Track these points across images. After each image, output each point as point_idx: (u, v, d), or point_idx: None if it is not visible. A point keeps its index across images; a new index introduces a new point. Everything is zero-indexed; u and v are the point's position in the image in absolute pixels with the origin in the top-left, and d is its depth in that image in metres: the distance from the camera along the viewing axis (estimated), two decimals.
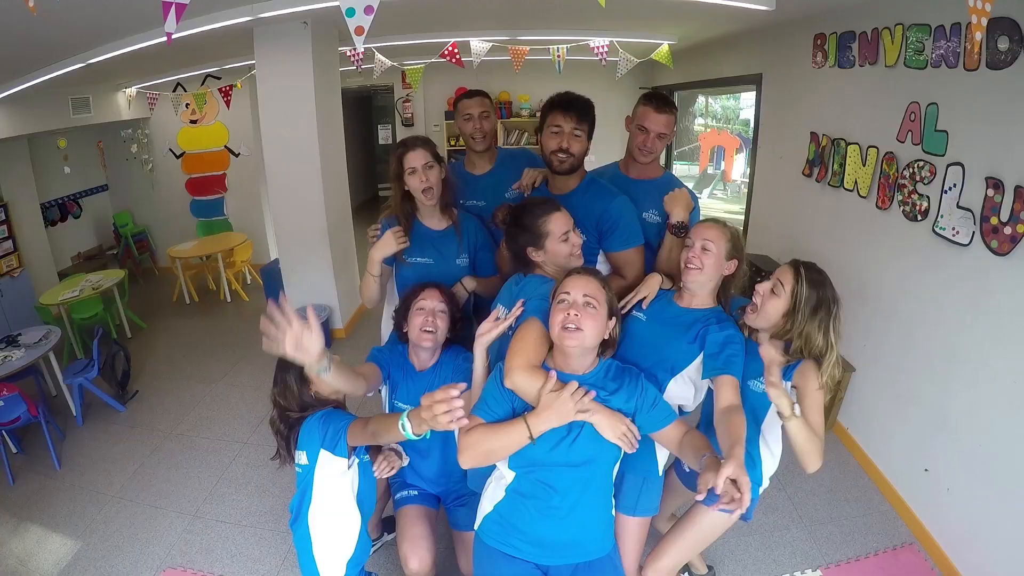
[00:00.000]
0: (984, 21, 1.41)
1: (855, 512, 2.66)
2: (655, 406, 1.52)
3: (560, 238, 1.76)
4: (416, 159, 1.95)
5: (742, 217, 4.72)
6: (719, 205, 8.93)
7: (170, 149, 6.29)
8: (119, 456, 3.29)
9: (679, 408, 1.73)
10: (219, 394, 3.92)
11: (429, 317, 1.85)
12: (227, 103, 5.33)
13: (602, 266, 2.03)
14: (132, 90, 5.58)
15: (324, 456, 1.61)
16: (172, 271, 5.92)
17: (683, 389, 1.69)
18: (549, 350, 1.58)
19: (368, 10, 1.77)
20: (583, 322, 1.44)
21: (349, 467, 1.66)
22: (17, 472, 3.17)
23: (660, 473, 1.76)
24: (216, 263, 5.72)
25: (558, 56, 4.74)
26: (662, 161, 7.67)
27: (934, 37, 2.32)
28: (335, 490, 1.65)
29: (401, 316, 1.95)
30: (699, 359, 1.64)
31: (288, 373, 1.79)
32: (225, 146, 6.27)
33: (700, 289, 1.70)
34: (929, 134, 2.39)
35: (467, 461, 1.47)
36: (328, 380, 1.57)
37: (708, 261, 1.65)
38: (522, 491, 1.55)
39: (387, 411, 2.03)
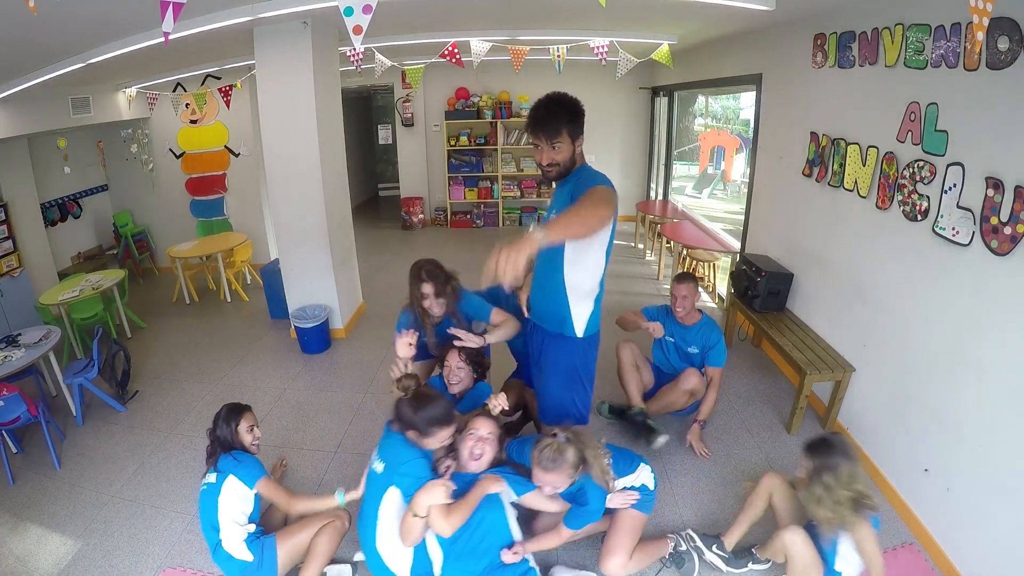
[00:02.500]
0: (985, 21, 1.41)
1: None
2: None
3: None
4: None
5: (742, 217, 4.72)
6: (719, 205, 8.93)
7: (170, 149, 6.30)
8: (119, 456, 3.29)
9: None
10: (219, 394, 3.92)
11: (451, 375, 2.63)
12: (227, 103, 5.33)
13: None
14: (132, 90, 5.59)
15: (231, 481, 2.21)
16: (172, 271, 5.93)
17: None
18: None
19: (366, 9, 1.77)
20: (485, 449, 2.15)
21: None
22: (17, 472, 3.17)
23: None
24: (216, 263, 5.72)
25: (558, 56, 4.74)
26: (662, 156, 7.62)
27: (934, 37, 2.32)
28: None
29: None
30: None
31: (236, 422, 2.32)
32: (225, 146, 6.28)
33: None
34: (929, 134, 2.39)
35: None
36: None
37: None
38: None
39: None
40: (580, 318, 2.20)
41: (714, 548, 2.38)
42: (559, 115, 1.99)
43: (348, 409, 3.66)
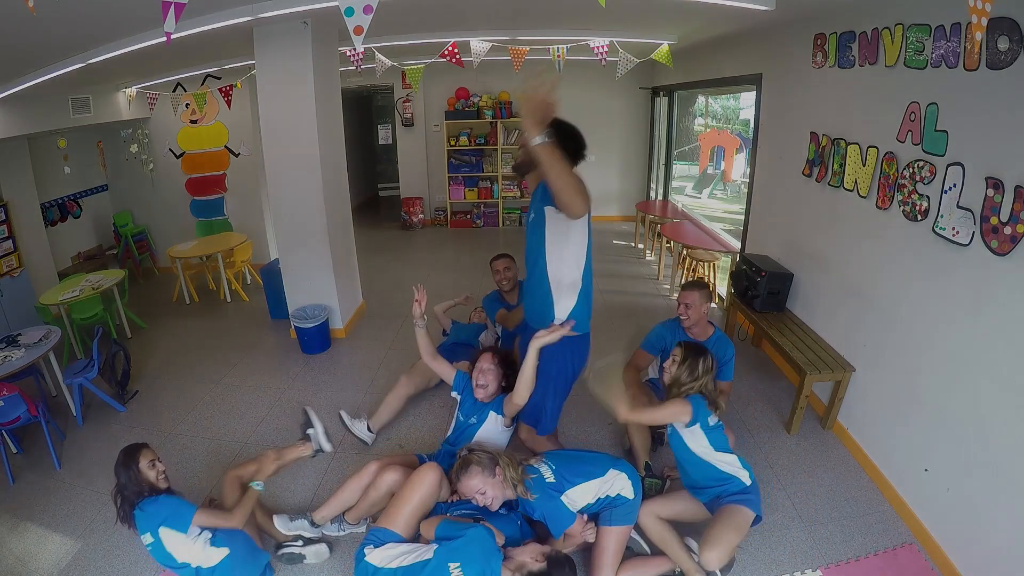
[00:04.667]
0: (984, 21, 1.42)
1: (855, 512, 2.66)
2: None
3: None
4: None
5: (742, 217, 4.72)
6: (719, 205, 8.94)
7: (170, 149, 6.30)
8: None
9: None
10: (219, 394, 3.92)
11: (480, 377, 2.76)
12: (227, 103, 5.34)
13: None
14: (132, 90, 5.59)
15: (165, 532, 2.13)
16: (172, 271, 5.93)
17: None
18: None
19: (367, 9, 1.77)
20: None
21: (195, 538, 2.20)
22: (17, 472, 3.17)
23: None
24: (216, 263, 5.72)
25: (558, 56, 4.74)
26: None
27: (934, 37, 2.32)
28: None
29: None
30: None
31: (136, 462, 2.21)
32: (225, 146, 6.28)
33: None
34: (929, 134, 2.39)
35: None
36: None
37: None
38: None
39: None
40: (562, 312, 2.39)
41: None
42: (565, 131, 2.17)
43: (348, 409, 3.65)
